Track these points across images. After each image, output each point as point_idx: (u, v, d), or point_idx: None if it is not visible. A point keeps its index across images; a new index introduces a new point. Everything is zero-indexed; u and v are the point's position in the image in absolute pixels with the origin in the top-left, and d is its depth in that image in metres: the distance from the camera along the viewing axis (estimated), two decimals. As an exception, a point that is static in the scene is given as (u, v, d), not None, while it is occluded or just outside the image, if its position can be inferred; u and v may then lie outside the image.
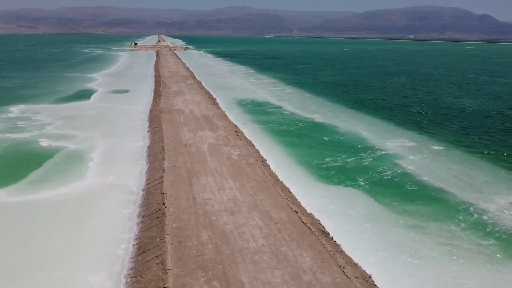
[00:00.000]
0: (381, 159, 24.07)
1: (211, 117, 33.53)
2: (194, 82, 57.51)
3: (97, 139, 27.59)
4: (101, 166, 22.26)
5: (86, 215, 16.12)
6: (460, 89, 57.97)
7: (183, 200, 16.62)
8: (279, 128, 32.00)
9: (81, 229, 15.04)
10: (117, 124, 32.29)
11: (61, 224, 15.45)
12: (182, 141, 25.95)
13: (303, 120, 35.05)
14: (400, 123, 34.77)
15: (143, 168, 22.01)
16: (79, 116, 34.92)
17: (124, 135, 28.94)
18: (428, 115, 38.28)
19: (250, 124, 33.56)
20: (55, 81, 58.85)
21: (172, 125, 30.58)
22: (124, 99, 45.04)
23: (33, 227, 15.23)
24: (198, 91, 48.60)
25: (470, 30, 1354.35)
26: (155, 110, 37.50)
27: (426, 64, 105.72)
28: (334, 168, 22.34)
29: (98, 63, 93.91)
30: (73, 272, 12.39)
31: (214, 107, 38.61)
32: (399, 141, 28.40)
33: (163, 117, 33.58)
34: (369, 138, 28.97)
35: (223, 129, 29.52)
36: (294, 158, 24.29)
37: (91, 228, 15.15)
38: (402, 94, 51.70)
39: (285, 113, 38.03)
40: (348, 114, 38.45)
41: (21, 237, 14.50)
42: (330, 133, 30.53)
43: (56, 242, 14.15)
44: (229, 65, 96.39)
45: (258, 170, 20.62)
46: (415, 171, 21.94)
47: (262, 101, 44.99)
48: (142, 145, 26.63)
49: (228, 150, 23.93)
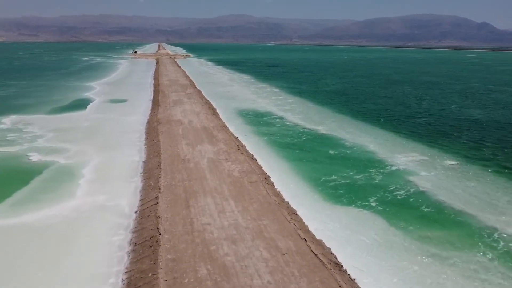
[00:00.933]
0: (392, 176, 22.53)
1: (211, 129, 32.06)
2: (194, 91, 56.18)
3: (90, 153, 26.09)
4: (92, 184, 20.72)
5: (71, 243, 14.55)
6: (466, 98, 56.59)
7: (180, 226, 15.07)
8: (282, 141, 30.50)
9: (64, 260, 13.45)
10: (113, 137, 30.80)
11: (41, 254, 13.87)
12: (180, 156, 24.45)
13: (307, 132, 33.57)
14: (408, 135, 33.28)
15: (137, 186, 20.48)
16: (73, 128, 33.45)
17: (119, 149, 27.43)
18: (436, 127, 36.81)
19: (252, 136, 32.09)
20: (52, 90, 57.51)
21: (170, 138, 29.11)
22: (121, 109, 43.63)
23: (8, 257, 13.65)
24: (197, 101, 47.23)
25: (469, 38, 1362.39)
26: (152, 121, 36.05)
27: (428, 72, 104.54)
28: (342, 186, 20.80)
29: (97, 72, 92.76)
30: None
31: (214, 118, 37.18)
32: (409, 155, 26.88)
33: (161, 128, 32.12)
34: (377, 152, 27.46)
35: (223, 142, 28.03)
36: (299, 174, 22.75)
37: (76, 259, 13.57)
38: (406, 104, 50.30)
39: (288, 124, 36.58)
40: (353, 125, 36.98)
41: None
42: (336, 146, 29.02)
43: (34, 276, 12.56)
44: (230, 73, 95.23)
45: (261, 189, 19.08)
46: (430, 190, 20.39)
47: (263, 111, 43.57)
48: (137, 159, 25.12)
49: (229, 166, 22.41)
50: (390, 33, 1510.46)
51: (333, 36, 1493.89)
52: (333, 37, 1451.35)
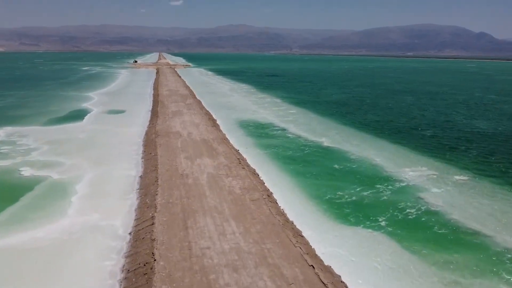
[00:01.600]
0: (401, 193, 21.44)
1: (211, 141, 31.04)
2: (194, 102, 55.31)
3: (84, 168, 25.02)
4: (85, 201, 19.62)
5: (58, 269, 13.43)
6: (470, 109, 55.71)
7: (177, 250, 13.95)
8: (284, 154, 29.45)
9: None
10: (109, 149, 29.76)
11: (25, 280, 12.73)
12: (178, 171, 23.38)
13: (310, 145, 32.54)
14: (414, 147, 32.24)
15: (133, 203, 19.37)
16: (68, 140, 32.42)
17: (115, 163, 26.37)
18: (442, 139, 35.80)
19: (253, 149, 31.05)
20: (49, 101, 56.65)
21: (168, 151, 28.07)
22: (119, 120, 42.66)
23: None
24: (197, 112, 46.30)
25: (468, 47, 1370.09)
26: (151, 133, 35.04)
27: (429, 82, 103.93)
28: (349, 204, 19.69)
29: (96, 81, 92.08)
30: None
31: (214, 130, 36.18)
32: (417, 169, 25.81)
33: (159, 141, 31.10)
34: (384, 166, 26.40)
35: (224, 155, 26.98)
36: (303, 191, 21.66)
37: (63, 287, 12.44)
38: (410, 115, 49.36)
39: (290, 136, 35.56)
40: (357, 137, 35.97)
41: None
42: (340, 160, 27.96)
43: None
44: (230, 83, 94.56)
45: (264, 207, 17.98)
46: (442, 208, 19.29)
47: (265, 122, 42.60)
48: (134, 174, 24.04)
49: (229, 182, 21.34)
50: (390, 43, 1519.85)
51: (333, 46, 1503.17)
52: (332, 47, 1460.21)
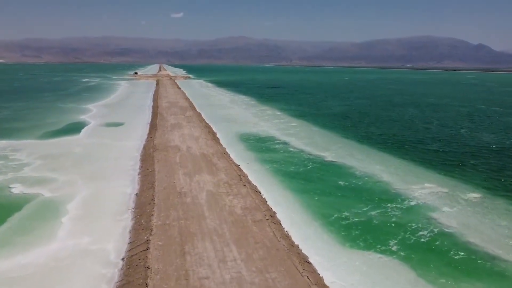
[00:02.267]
0: (411, 212, 20.29)
1: (211, 156, 29.95)
2: (194, 114, 54.39)
3: (78, 185, 23.90)
4: (77, 222, 18.46)
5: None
6: (474, 121, 54.76)
7: (172, 280, 12.76)
8: (287, 170, 28.34)
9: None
10: (105, 165, 28.65)
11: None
12: (176, 188, 22.26)
13: (313, 159, 31.44)
14: (421, 162, 31.15)
15: (127, 225, 18.22)
16: (63, 155, 31.34)
17: (110, 179, 25.26)
18: (449, 153, 34.73)
19: (254, 164, 29.95)
20: (47, 113, 55.73)
21: (166, 166, 26.97)
22: (117, 133, 41.64)
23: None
24: (197, 124, 45.32)
25: (466, 59, 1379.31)
26: (149, 147, 33.98)
27: (431, 94, 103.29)
28: (357, 226, 18.53)
29: (95, 93, 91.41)
30: None
31: (214, 143, 35.13)
32: (426, 186, 24.68)
33: (157, 156, 30.02)
34: (391, 183, 25.27)
35: (224, 171, 25.87)
36: (308, 210, 20.51)
37: (46, 325, 11.25)
38: (413, 128, 48.37)
39: (292, 151, 34.48)
40: (361, 151, 34.89)
41: None
42: (345, 176, 26.84)
43: None
44: (230, 95, 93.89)
45: (267, 230, 16.82)
46: (457, 230, 18.12)
47: (266, 135, 41.58)
48: (130, 192, 22.91)
49: (230, 201, 20.19)
50: (388, 55, 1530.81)
51: (332, 57, 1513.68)
52: (332, 59, 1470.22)
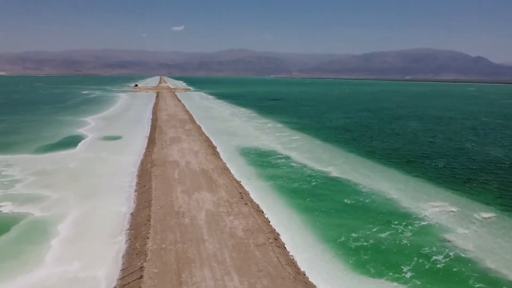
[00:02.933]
0: (423, 234, 19.08)
1: (211, 172, 28.82)
2: (193, 127, 53.42)
3: (71, 203, 22.73)
4: (67, 246, 17.26)
5: None
6: (479, 135, 53.68)
7: (167, 316, 11.55)
8: (290, 186, 27.17)
9: None
10: (100, 181, 27.50)
11: None
12: (173, 207, 21.09)
13: (317, 175, 30.29)
14: (429, 179, 29.99)
15: (120, 248, 17.01)
16: (57, 170, 30.21)
17: (105, 197, 24.09)
18: (457, 169, 33.59)
19: (255, 180, 28.80)
20: (44, 126, 54.75)
21: (164, 183, 25.83)
22: (115, 147, 40.56)
23: None
24: (196, 138, 44.28)
25: (465, 71, 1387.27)
26: (146, 162, 32.87)
27: (433, 107, 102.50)
28: (367, 249, 17.31)
29: (94, 105, 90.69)
30: None
31: (214, 158, 34.02)
32: (437, 204, 23.49)
33: (155, 171, 28.89)
34: (400, 201, 24.10)
35: (224, 189, 24.71)
36: (314, 231, 19.31)
37: None
38: (418, 142, 47.30)
39: (295, 166, 33.35)
40: (366, 166, 33.75)
41: None
42: (351, 193, 25.67)
43: None
44: (231, 107, 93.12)
45: (271, 255, 15.62)
46: (474, 254, 16.90)
47: (267, 149, 40.49)
48: (125, 211, 21.73)
49: (231, 222, 19.00)
50: (388, 67, 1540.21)
51: (332, 69, 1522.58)
52: (332, 71, 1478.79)
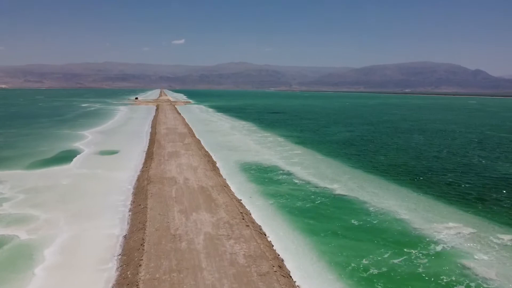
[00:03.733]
0: (440, 260, 17.60)
1: (210, 190, 27.41)
2: (193, 141, 52.12)
3: (60, 224, 21.28)
4: (52, 274, 15.78)
5: None
6: (485, 149, 52.35)
7: None
8: (293, 205, 25.74)
9: None
10: (94, 200, 26.08)
11: None
12: (170, 230, 19.64)
13: (321, 192, 28.87)
14: (439, 196, 28.57)
15: (110, 277, 15.53)
16: (49, 188, 28.80)
17: (97, 217, 22.65)
18: (467, 186, 32.18)
19: (257, 198, 27.39)
20: (39, 140, 53.47)
21: (160, 202, 24.41)
22: (111, 162, 39.22)
23: None
24: (196, 153, 42.95)
25: (464, 84, 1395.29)
26: (143, 178, 31.47)
27: (436, 120, 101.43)
28: (379, 278, 15.82)
29: (93, 119, 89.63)
30: None
31: (214, 175, 32.63)
32: (451, 225, 22.05)
33: (151, 189, 27.49)
34: (411, 221, 22.65)
35: (224, 208, 23.29)
36: (321, 257, 17.83)
37: None
38: (424, 157, 45.96)
39: (298, 182, 31.94)
40: (371, 183, 32.35)
41: None
42: (358, 213, 24.23)
43: None
44: (231, 120, 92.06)
45: (276, 286, 14.13)
46: (498, 283, 15.40)
47: (269, 164, 39.13)
48: (118, 233, 20.28)
49: (231, 247, 17.54)
50: (387, 80, 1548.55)
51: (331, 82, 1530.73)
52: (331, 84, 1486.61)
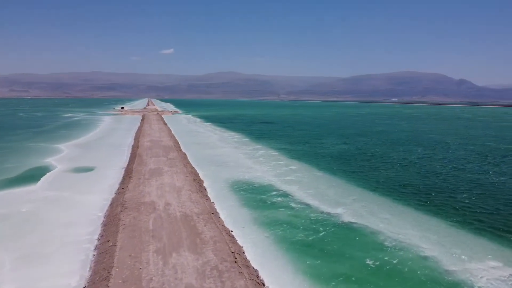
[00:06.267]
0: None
1: (195, 219, 23.13)
2: (178, 156, 47.76)
3: (4, 272, 16.76)
4: None
5: None
6: (495, 164, 48.72)
7: None
8: (294, 238, 21.58)
9: None
10: (53, 233, 21.56)
11: None
12: (141, 282, 15.30)
13: (326, 220, 24.79)
14: (462, 224, 24.74)
15: None
16: (4, 217, 24.15)
17: (53, 259, 18.18)
18: (489, 210, 28.40)
19: (251, 227, 23.20)
20: (8, 155, 48.48)
21: (133, 237, 20.04)
22: (84, 182, 34.64)
23: None
24: (180, 170, 38.63)
25: (449, 93, 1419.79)
26: (117, 203, 27.01)
27: (431, 130, 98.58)
28: None
29: (73, 130, 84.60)
30: None
31: (200, 198, 28.34)
32: (489, 265, 18.11)
33: (125, 218, 23.09)
34: (439, 260, 18.65)
35: (212, 246, 19.01)
36: (338, 319, 13.66)
37: None
38: (430, 173, 42.28)
39: (297, 207, 27.79)
40: (381, 206, 28.38)
41: None
42: (373, 249, 20.18)
43: None
44: (220, 131, 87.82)
45: None
46: None
47: (262, 183, 34.99)
48: (75, 284, 15.87)
49: (219, 309, 13.29)
50: (374, 89, 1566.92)
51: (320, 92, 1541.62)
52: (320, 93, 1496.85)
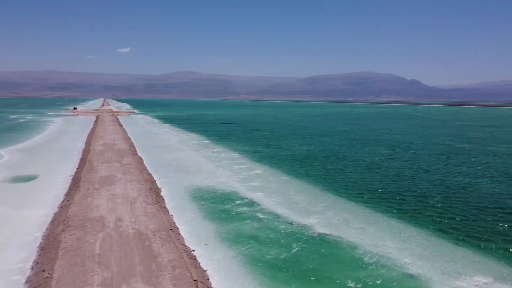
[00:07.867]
0: None
1: (151, 239, 20.05)
2: (133, 161, 43.99)
3: None
4: None
5: None
6: (460, 164, 48.53)
7: None
8: (264, 257, 19.04)
9: None
10: (-25, 263, 17.74)
11: None
12: (80, 328, 12.17)
13: (298, 232, 22.51)
14: (439, 231, 23.33)
15: None
16: None
17: (-30, 300, 14.57)
18: (466, 216, 27.33)
19: (215, 246, 20.45)
20: None
21: (75, 266, 16.71)
22: (23, 193, 30.37)
23: None
24: (135, 177, 35.12)
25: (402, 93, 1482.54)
26: (58, 221, 23.32)
27: (391, 129, 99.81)
28: None
29: (18, 133, 77.63)
30: None
31: (157, 210, 25.20)
32: (478, 281, 16.51)
33: (66, 240, 19.61)
34: (425, 277, 16.81)
35: (171, 273, 16.10)
36: None
37: None
38: (395, 174, 41.37)
39: (265, 218, 25.32)
40: (354, 214, 26.55)
41: None
42: (352, 266, 18.08)
43: None
44: (179, 132, 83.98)
45: None
46: None
47: (226, 190, 32.30)
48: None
49: None
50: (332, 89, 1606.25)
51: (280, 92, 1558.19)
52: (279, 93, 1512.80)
